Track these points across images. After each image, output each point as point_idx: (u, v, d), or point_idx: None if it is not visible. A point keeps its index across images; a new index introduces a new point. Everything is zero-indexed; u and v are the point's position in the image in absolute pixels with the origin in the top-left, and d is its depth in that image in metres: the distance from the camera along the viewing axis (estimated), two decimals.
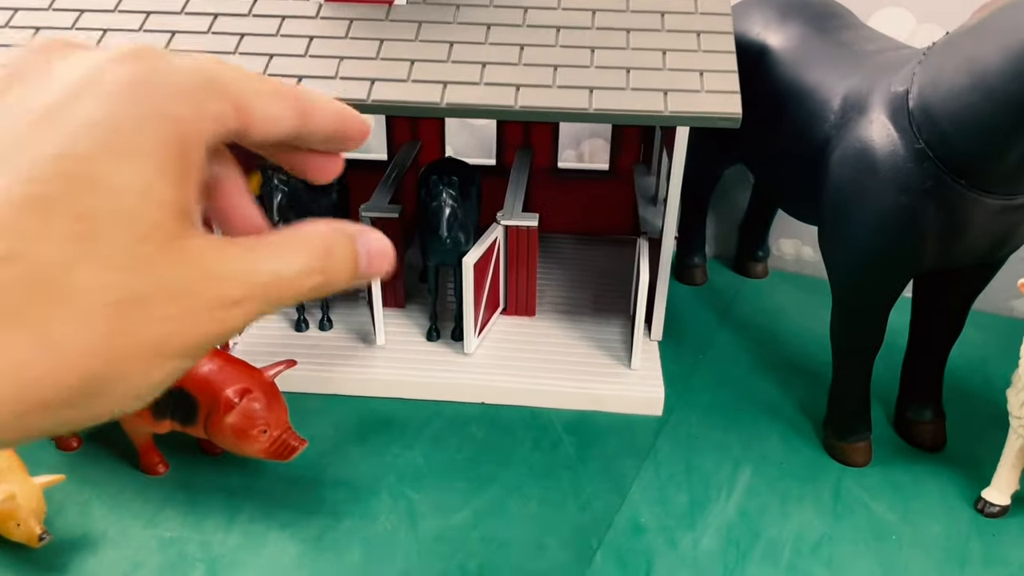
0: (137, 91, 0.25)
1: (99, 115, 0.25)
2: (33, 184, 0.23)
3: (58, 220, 0.23)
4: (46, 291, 0.23)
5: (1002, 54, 0.55)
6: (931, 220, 0.63)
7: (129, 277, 0.25)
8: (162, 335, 0.25)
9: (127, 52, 0.26)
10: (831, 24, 0.78)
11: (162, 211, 0.25)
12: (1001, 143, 0.57)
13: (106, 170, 0.24)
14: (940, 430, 0.76)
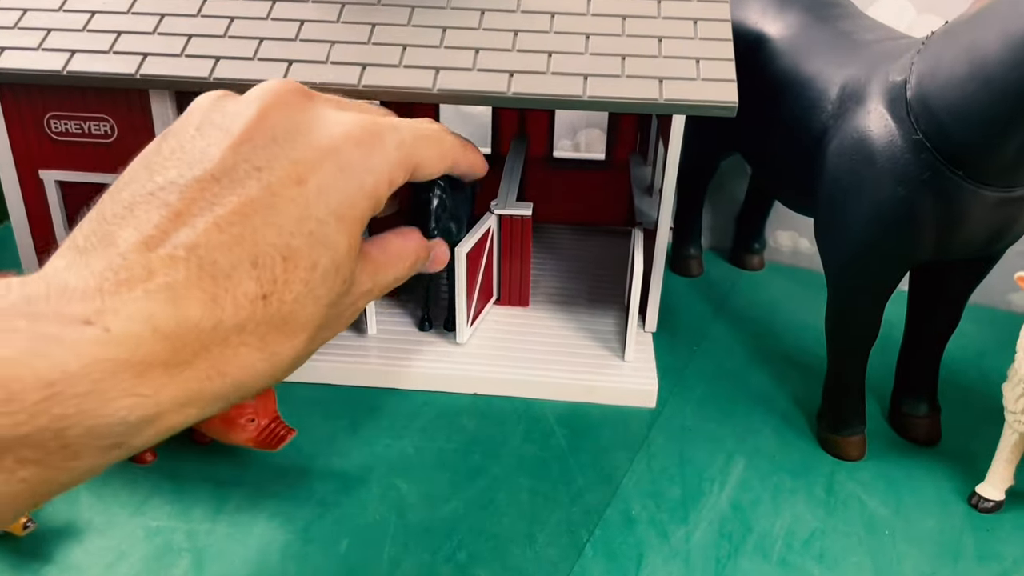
0: (360, 171, 0.37)
1: (334, 185, 0.36)
2: (290, 238, 0.34)
3: (299, 270, 0.34)
4: (282, 323, 0.34)
5: (1002, 42, 0.55)
6: (928, 212, 0.62)
7: (327, 310, 0.36)
8: (325, 339, 0.38)
9: (359, 124, 0.38)
10: (830, 13, 0.77)
11: (352, 260, 0.37)
12: (1000, 134, 0.57)
13: (332, 232, 0.35)
14: (935, 424, 0.75)
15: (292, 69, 0.66)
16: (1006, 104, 0.55)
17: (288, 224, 0.34)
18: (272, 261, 0.33)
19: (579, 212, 1.05)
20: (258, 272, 0.33)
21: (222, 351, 0.32)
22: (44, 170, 0.73)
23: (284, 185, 0.34)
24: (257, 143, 0.34)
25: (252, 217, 0.33)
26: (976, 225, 0.62)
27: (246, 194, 0.33)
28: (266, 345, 0.33)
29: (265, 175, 0.34)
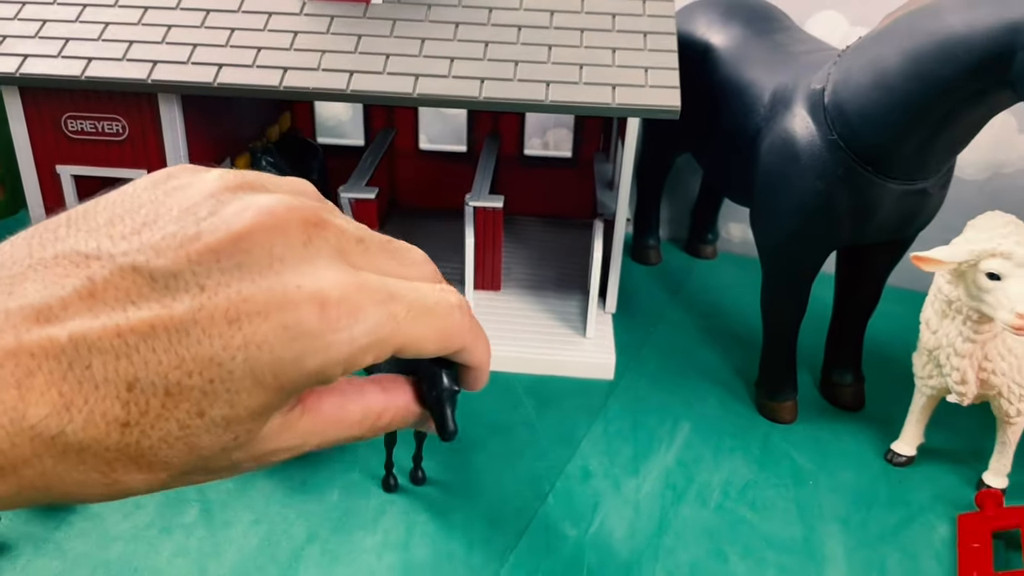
0: (309, 346, 0.29)
1: (269, 344, 0.29)
2: (186, 376, 0.28)
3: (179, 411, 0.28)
4: (139, 456, 0.28)
5: (900, 56, 0.64)
6: (843, 202, 0.71)
7: (203, 461, 0.30)
8: (203, 479, 0.30)
9: (343, 290, 0.30)
10: (767, 26, 0.86)
11: (256, 423, 0.30)
12: (900, 135, 0.66)
13: (240, 390, 0.29)
14: (859, 392, 0.85)
15: (287, 75, 0.74)
16: (905, 110, 0.64)
17: (191, 361, 0.29)
18: (152, 391, 0.28)
19: (548, 205, 1.14)
20: (131, 396, 0.28)
21: (55, 465, 0.28)
22: (61, 165, 0.81)
23: (213, 318, 0.29)
24: (220, 262, 0.30)
25: (159, 336, 0.28)
26: (886, 213, 0.72)
27: (169, 310, 0.29)
28: (111, 471, 0.29)
29: (203, 298, 0.29)
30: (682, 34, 0.89)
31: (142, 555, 0.65)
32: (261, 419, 0.30)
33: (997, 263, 0.62)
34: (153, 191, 0.31)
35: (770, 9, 0.90)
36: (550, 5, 0.81)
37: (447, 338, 0.35)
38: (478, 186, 0.95)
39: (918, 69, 0.63)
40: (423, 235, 1.09)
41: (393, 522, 0.69)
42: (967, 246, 0.64)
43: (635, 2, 0.81)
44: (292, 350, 0.29)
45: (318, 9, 0.80)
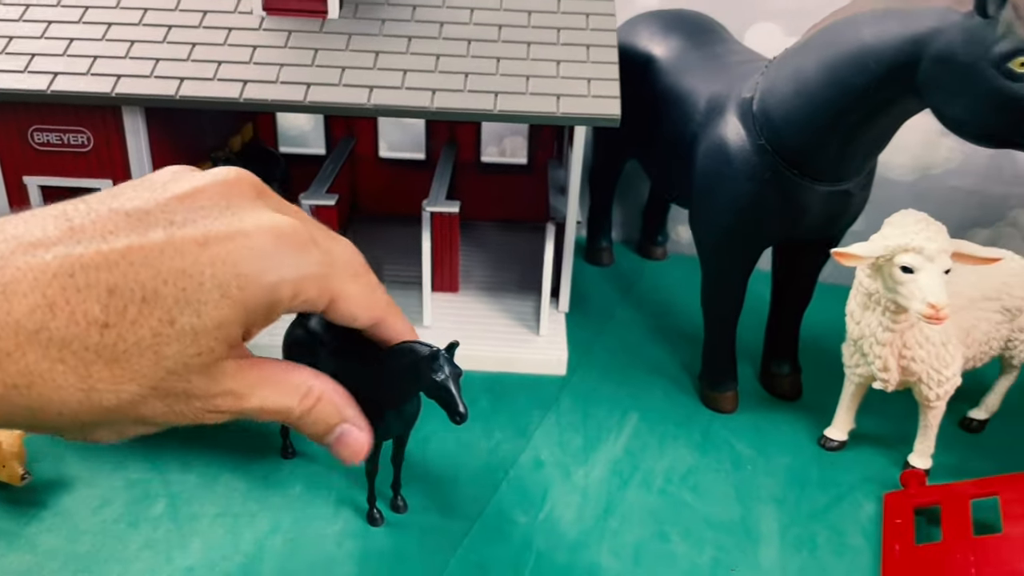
0: (267, 263, 0.34)
1: (234, 261, 0.33)
2: (161, 284, 0.32)
3: (153, 318, 0.32)
4: (114, 360, 0.31)
5: (818, 66, 0.69)
6: (772, 203, 0.76)
7: (168, 375, 0.33)
8: (157, 413, 0.34)
9: (288, 226, 0.36)
10: (706, 39, 0.91)
11: (218, 343, 0.34)
12: (820, 139, 0.71)
13: (209, 300, 0.33)
14: (796, 382, 0.90)
15: (247, 88, 0.78)
16: (824, 116, 0.70)
17: (166, 272, 0.32)
18: (130, 295, 0.31)
19: (505, 210, 1.19)
20: (111, 300, 0.31)
21: (37, 361, 0.30)
22: (28, 176, 0.83)
23: (185, 241, 0.33)
24: (184, 204, 0.34)
25: (135, 254, 0.32)
26: (812, 213, 0.77)
27: (146, 238, 0.32)
28: (88, 375, 0.31)
29: (174, 229, 0.33)
30: (626, 46, 0.94)
31: (111, 548, 0.68)
32: (222, 340, 0.34)
33: (910, 257, 0.67)
34: (125, 185, 0.36)
35: (708, 22, 0.95)
36: (499, 20, 0.85)
37: (372, 305, 0.41)
38: (435, 192, 0.99)
39: (834, 78, 0.68)
40: (384, 240, 1.12)
41: (352, 513, 0.73)
42: (883, 242, 0.69)
43: (579, 17, 0.86)
44: (253, 266, 0.34)
45: (276, 24, 0.84)
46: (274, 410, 0.38)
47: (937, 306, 0.66)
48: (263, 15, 0.84)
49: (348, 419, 0.41)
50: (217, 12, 0.84)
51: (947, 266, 0.68)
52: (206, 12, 0.84)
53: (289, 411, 0.38)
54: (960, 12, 0.60)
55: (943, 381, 0.75)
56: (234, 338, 0.35)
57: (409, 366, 0.53)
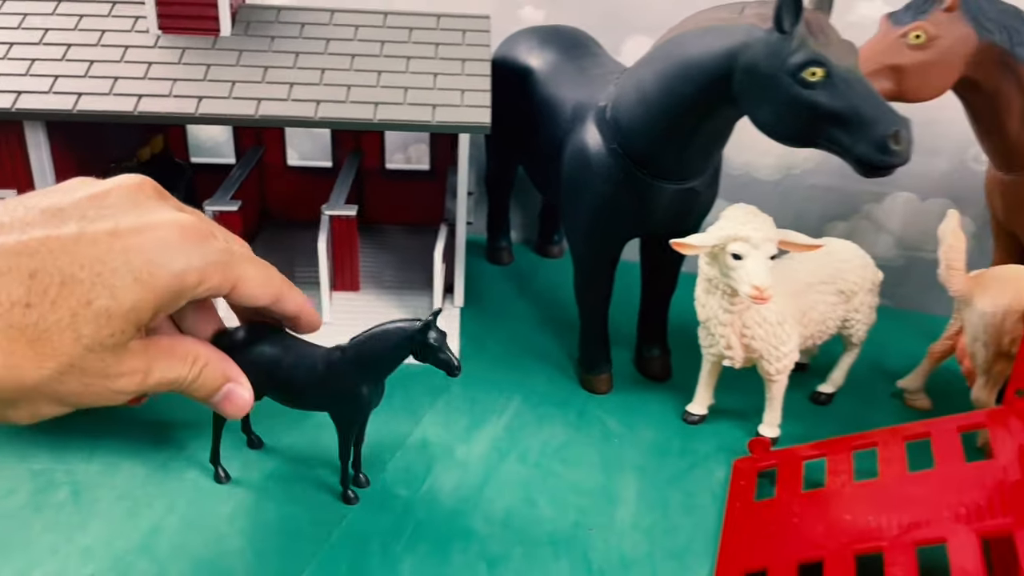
0: (173, 252, 0.38)
1: (144, 249, 0.37)
2: (78, 270, 0.35)
3: (72, 299, 0.35)
4: (36, 339, 0.34)
5: (655, 77, 0.78)
6: (628, 202, 0.84)
7: (85, 353, 0.36)
8: (72, 391, 0.37)
9: (190, 220, 0.40)
10: (577, 52, 0.99)
11: (130, 324, 0.37)
12: (662, 143, 0.80)
13: (122, 285, 0.36)
14: (666, 364, 0.99)
15: (141, 102, 0.84)
16: (660, 121, 0.78)
17: (82, 259, 0.35)
18: (50, 279, 0.34)
19: (410, 214, 1.25)
20: (32, 283, 0.34)
21: None
22: None
23: (97, 232, 0.36)
24: (94, 203, 0.37)
25: (53, 244, 0.35)
26: (664, 209, 0.85)
27: (62, 229, 0.35)
28: (12, 352, 0.34)
29: (86, 223, 0.36)
30: (507, 59, 1.02)
31: (14, 531, 0.73)
32: (133, 322, 0.37)
33: (738, 245, 0.76)
34: (34, 192, 0.40)
35: (582, 36, 1.03)
36: (381, 37, 0.92)
37: (270, 284, 0.47)
38: (335, 197, 1.05)
39: (668, 87, 0.76)
40: (292, 244, 1.18)
41: (245, 493, 0.78)
42: (717, 232, 0.78)
43: (456, 33, 0.93)
44: (162, 255, 0.38)
45: (171, 42, 0.89)
46: (170, 380, 0.42)
47: (760, 287, 0.74)
48: (159, 33, 0.90)
49: (232, 378, 0.46)
50: (115, 31, 0.90)
51: (771, 252, 0.77)
52: (104, 31, 0.89)
53: (183, 379, 0.43)
54: (763, 28, 0.69)
55: (781, 357, 0.84)
56: (143, 321, 0.38)
57: (399, 341, 0.65)
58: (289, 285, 0.49)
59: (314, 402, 0.71)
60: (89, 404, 0.38)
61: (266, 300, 0.47)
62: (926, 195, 1.09)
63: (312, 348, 0.67)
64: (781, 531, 0.72)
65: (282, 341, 0.64)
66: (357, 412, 0.72)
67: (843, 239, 0.93)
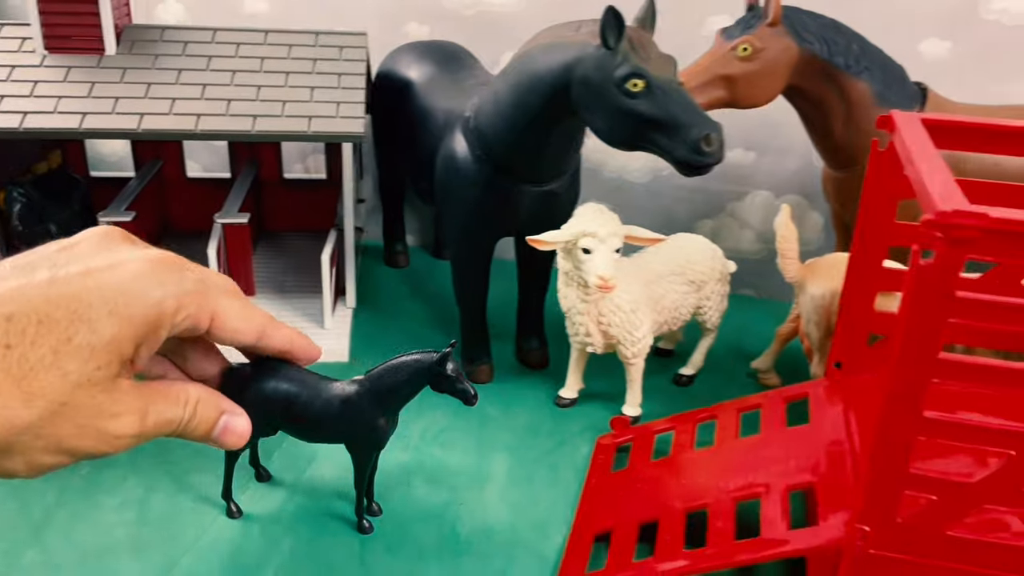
0: (147, 282, 0.38)
1: (117, 284, 0.37)
2: (53, 309, 0.35)
3: (51, 336, 0.35)
4: (21, 378, 0.34)
5: (508, 89, 0.85)
6: (493, 205, 0.91)
7: (73, 389, 0.35)
8: (68, 434, 0.36)
9: (161, 255, 0.40)
10: (454, 65, 1.07)
11: (114, 355, 0.36)
12: (517, 149, 0.87)
13: (99, 318, 0.36)
14: (544, 354, 1.06)
15: (27, 119, 0.88)
16: (512, 129, 0.85)
17: (57, 299, 0.35)
18: (27, 320, 0.34)
19: (308, 221, 1.31)
20: (9, 325, 0.34)
21: None
22: None
23: (69, 275, 0.36)
24: (64, 253, 0.38)
25: (26, 290, 0.35)
26: (528, 211, 0.92)
27: (33, 277, 0.36)
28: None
29: (58, 269, 0.36)
30: (389, 72, 1.09)
31: None
32: (116, 354, 0.37)
33: (588, 240, 0.84)
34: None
35: (458, 50, 1.10)
36: (261, 54, 0.98)
37: (250, 319, 0.44)
38: (227, 206, 1.10)
39: (519, 99, 0.84)
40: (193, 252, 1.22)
41: (133, 487, 0.83)
42: (568, 229, 0.85)
43: (333, 49, 0.99)
44: (135, 285, 0.38)
45: (57, 61, 0.94)
46: (167, 421, 0.41)
47: (605, 278, 0.82)
48: (45, 53, 0.94)
49: (225, 410, 0.44)
50: (2, 52, 0.93)
51: (617, 247, 0.84)
52: None
53: (179, 420, 0.42)
54: (594, 44, 0.77)
55: (636, 341, 0.92)
56: (126, 354, 0.37)
57: (415, 373, 0.67)
58: (272, 320, 0.47)
59: (331, 436, 0.71)
60: (89, 450, 0.38)
61: (250, 336, 0.45)
62: (780, 192, 1.19)
63: (326, 383, 0.66)
64: (628, 496, 0.80)
65: (295, 376, 0.63)
66: (374, 444, 0.73)
67: (706, 235, 1.02)
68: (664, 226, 1.23)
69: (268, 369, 0.58)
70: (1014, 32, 1.03)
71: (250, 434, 0.45)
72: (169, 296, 0.39)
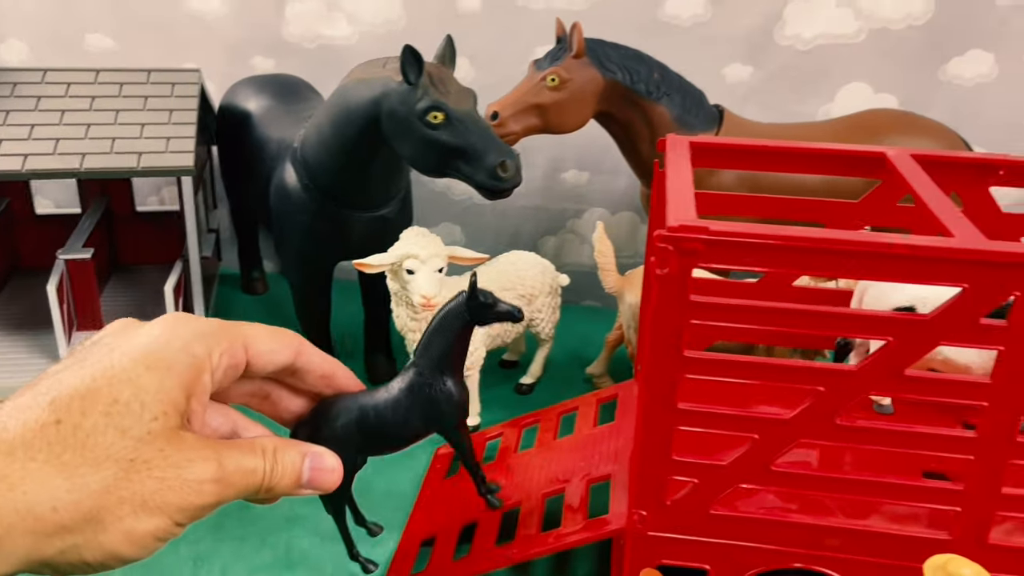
0: (169, 335, 0.38)
1: (144, 344, 0.37)
2: (89, 380, 0.36)
3: (99, 403, 0.35)
4: (81, 446, 0.34)
5: (328, 120, 0.90)
6: (323, 230, 0.96)
7: (137, 444, 0.35)
8: (150, 490, 0.35)
9: (173, 315, 0.40)
10: (290, 97, 1.11)
11: (166, 406, 0.36)
12: (340, 177, 0.92)
13: (137, 374, 0.36)
14: (391, 369, 1.10)
15: None
16: (335, 158, 0.90)
17: (90, 369, 0.36)
18: (70, 398, 0.35)
19: (162, 253, 1.31)
20: (54, 406, 0.35)
21: (8, 462, 0.33)
22: None
23: (98, 354, 0.37)
24: (86, 345, 0.39)
25: (63, 376, 0.36)
26: (360, 235, 0.97)
27: (65, 368, 0.37)
28: (64, 465, 0.34)
29: (85, 355, 0.37)
30: (230, 106, 1.12)
31: None
32: (170, 404, 0.37)
33: (411, 262, 0.89)
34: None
35: (297, 83, 1.15)
36: (91, 92, 1.00)
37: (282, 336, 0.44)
38: (72, 241, 1.10)
39: (337, 130, 0.89)
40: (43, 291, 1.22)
41: None
42: (393, 252, 0.90)
43: (165, 86, 1.02)
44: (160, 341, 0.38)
45: None
46: (248, 469, 0.39)
47: (427, 296, 0.88)
48: None
49: (307, 452, 0.43)
50: None
51: (439, 267, 0.90)
52: None
53: (260, 470, 0.40)
54: (397, 80, 0.82)
55: (468, 355, 0.97)
56: (180, 405, 0.37)
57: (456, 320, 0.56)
58: (303, 339, 0.46)
59: (417, 429, 0.65)
60: (179, 503, 0.37)
61: (287, 353, 0.44)
62: (615, 209, 1.27)
63: (381, 389, 0.62)
64: (455, 500, 0.85)
65: (352, 400, 0.59)
66: (460, 413, 0.67)
67: (550, 251, 1.09)
68: (511, 244, 1.31)
69: (325, 404, 0.56)
70: (806, 56, 1.14)
71: (340, 469, 0.44)
72: (198, 338, 0.39)
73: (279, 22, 1.22)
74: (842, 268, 0.61)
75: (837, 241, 0.59)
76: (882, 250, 0.58)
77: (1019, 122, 1.12)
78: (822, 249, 0.59)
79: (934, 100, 1.12)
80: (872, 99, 1.14)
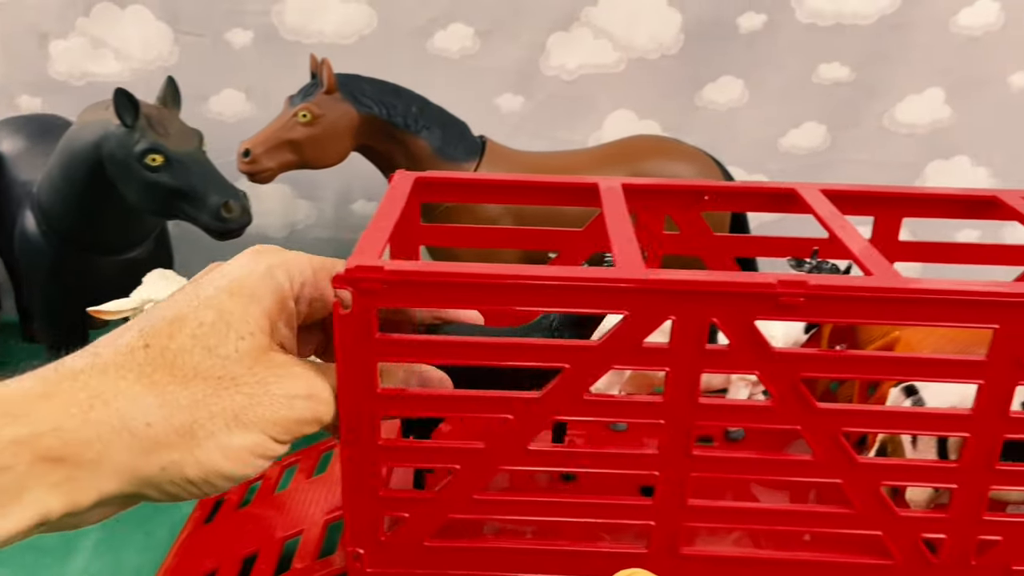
0: (250, 264, 0.42)
1: (227, 272, 0.41)
2: (179, 308, 0.39)
3: (186, 327, 0.38)
4: (170, 365, 0.37)
5: (58, 164, 0.87)
6: (72, 277, 0.92)
7: (225, 362, 0.38)
8: (243, 406, 0.38)
9: (255, 247, 0.44)
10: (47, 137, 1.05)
11: (252, 327, 0.39)
12: (77, 222, 0.89)
13: (220, 300, 0.39)
14: None
15: None
16: (68, 202, 0.87)
17: (179, 303, 0.39)
18: (160, 323, 0.38)
19: None
20: (143, 332, 0.37)
21: (100, 380, 0.35)
22: None
23: (185, 290, 0.40)
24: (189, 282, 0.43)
25: (151, 310, 0.39)
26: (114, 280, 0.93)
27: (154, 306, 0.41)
28: (154, 384, 0.36)
29: (179, 292, 0.41)
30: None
31: None
32: (255, 325, 0.39)
33: (151, 306, 0.86)
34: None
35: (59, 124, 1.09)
36: None
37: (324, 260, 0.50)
38: None
39: (65, 174, 0.86)
40: None
41: None
42: (135, 296, 0.87)
43: None
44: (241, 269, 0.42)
45: None
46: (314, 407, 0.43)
47: None
48: None
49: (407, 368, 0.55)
50: None
51: None
52: None
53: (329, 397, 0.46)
54: (115, 123, 0.80)
55: None
56: (265, 326, 0.40)
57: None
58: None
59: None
60: (270, 418, 0.39)
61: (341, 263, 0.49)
62: None
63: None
64: (200, 548, 0.83)
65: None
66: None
67: None
68: None
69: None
70: (572, 85, 1.19)
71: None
72: (276, 264, 0.42)
73: (44, 60, 1.18)
74: (517, 301, 0.63)
75: (505, 276, 0.61)
76: (552, 282, 0.61)
77: (770, 142, 1.20)
78: (493, 284, 0.61)
79: (693, 125, 1.18)
80: (637, 125, 1.19)
